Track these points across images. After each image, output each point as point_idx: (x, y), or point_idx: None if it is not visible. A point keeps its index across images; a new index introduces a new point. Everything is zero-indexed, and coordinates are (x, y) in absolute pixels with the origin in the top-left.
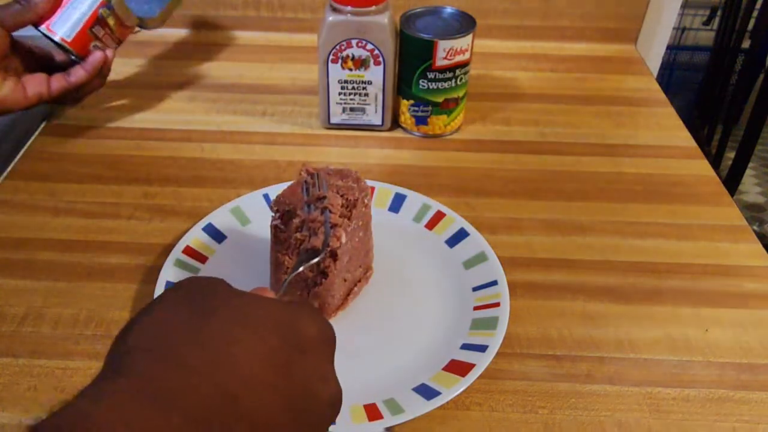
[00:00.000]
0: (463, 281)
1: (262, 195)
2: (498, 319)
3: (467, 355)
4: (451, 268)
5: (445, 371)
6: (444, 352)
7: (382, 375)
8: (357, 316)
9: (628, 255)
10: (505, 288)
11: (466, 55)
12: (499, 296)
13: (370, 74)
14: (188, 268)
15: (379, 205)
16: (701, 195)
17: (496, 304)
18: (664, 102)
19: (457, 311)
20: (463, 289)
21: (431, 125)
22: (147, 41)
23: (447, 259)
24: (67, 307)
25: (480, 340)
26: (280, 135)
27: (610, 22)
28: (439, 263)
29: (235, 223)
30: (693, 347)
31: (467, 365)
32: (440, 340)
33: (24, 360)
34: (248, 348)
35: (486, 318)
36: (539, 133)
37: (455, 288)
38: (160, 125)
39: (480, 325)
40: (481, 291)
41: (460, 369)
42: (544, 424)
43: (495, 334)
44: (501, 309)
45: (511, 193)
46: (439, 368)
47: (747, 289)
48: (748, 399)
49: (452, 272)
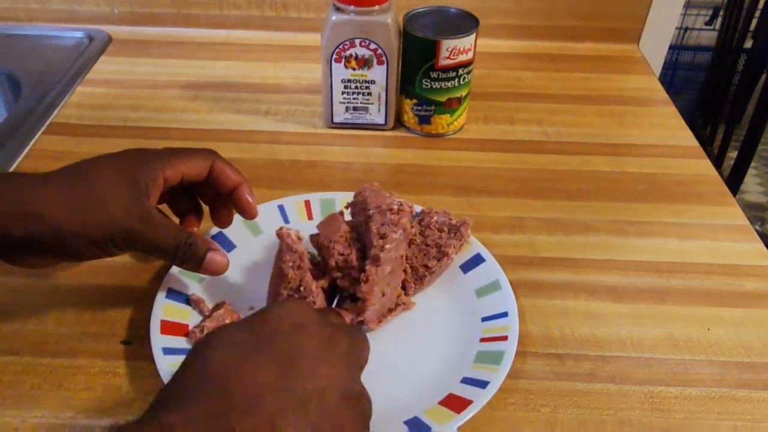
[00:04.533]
0: (473, 310)
1: (277, 206)
2: (504, 354)
3: (466, 390)
4: (462, 295)
5: (441, 405)
6: (444, 384)
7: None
8: None
9: (631, 254)
10: (516, 321)
11: (469, 54)
12: (508, 329)
13: (373, 74)
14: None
15: None
16: (703, 194)
17: (504, 337)
18: (666, 102)
19: (462, 342)
20: (473, 318)
21: (434, 124)
22: (150, 40)
23: (459, 285)
24: (71, 306)
25: (482, 374)
26: (284, 134)
27: (612, 21)
28: (451, 289)
29: (246, 233)
30: (695, 346)
31: (465, 401)
32: (441, 372)
33: (27, 358)
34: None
35: (492, 352)
36: (542, 132)
37: (464, 317)
38: (163, 124)
39: (484, 359)
40: (490, 322)
41: (457, 405)
42: (546, 422)
43: (498, 370)
44: (509, 343)
45: (513, 193)
46: (436, 401)
47: (749, 289)
48: (750, 398)
49: (463, 300)
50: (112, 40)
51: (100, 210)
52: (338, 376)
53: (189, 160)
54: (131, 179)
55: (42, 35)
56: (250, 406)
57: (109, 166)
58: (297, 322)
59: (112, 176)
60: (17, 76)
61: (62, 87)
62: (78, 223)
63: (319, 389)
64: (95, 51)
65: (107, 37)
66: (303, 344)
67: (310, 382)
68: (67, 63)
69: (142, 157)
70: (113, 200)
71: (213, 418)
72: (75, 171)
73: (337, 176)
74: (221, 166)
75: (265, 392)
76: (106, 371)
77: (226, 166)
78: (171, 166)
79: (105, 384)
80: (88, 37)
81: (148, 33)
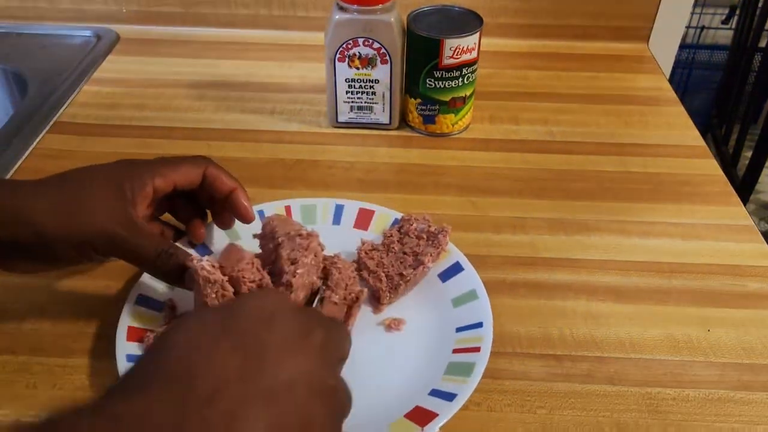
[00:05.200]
0: (448, 320)
1: (257, 212)
2: (474, 366)
3: (433, 403)
4: (438, 304)
5: (407, 418)
6: (412, 396)
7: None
8: None
9: (633, 254)
10: (490, 332)
11: (472, 53)
12: (480, 340)
13: (377, 73)
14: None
15: (377, 230)
16: (708, 194)
17: (477, 348)
18: (674, 101)
19: (435, 352)
20: (447, 328)
21: (439, 124)
22: (158, 39)
23: (436, 294)
24: (68, 305)
25: (451, 387)
26: (288, 133)
27: (621, 20)
28: (427, 298)
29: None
30: (695, 347)
31: (431, 414)
32: (411, 383)
33: (24, 357)
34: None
35: (462, 363)
36: (547, 132)
37: (439, 326)
38: (168, 123)
39: (454, 371)
40: (464, 332)
41: (422, 418)
42: (542, 424)
43: (467, 382)
44: (480, 355)
45: (517, 192)
46: (402, 414)
47: (751, 289)
48: (748, 399)
49: (439, 309)
50: (120, 38)
51: (83, 214)
52: (310, 369)
53: (181, 169)
54: (118, 188)
55: (50, 34)
56: (210, 396)
57: (97, 175)
58: (270, 311)
59: (99, 184)
60: (24, 75)
61: (69, 86)
62: (60, 226)
63: (287, 382)
64: (103, 50)
65: (115, 35)
66: (274, 334)
67: (278, 374)
68: (75, 62)
69: (131, 167)
70: (97, 206)
71: (169, 407)
72: (64, 177)
73: (341, 176)
74: (215, 173)
75: (229, 382)
76: (101, 371)
77: (220, 172)
78: (161, 176)
79: (99, 384)
80: (96, 35)
81: (156, 32)
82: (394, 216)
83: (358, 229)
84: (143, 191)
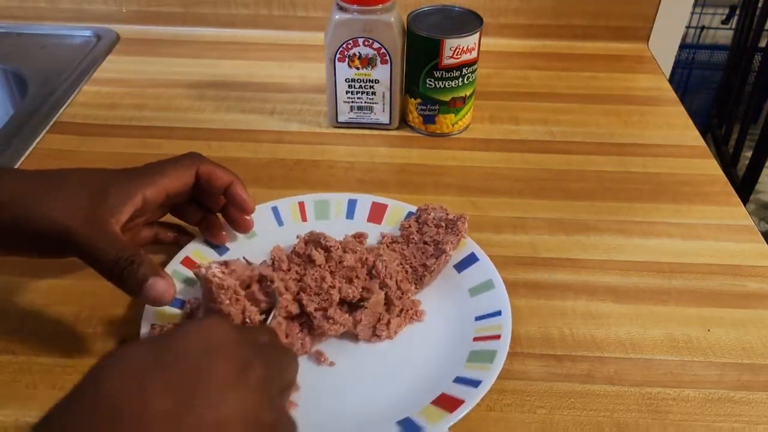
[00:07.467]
0: (467, 309)
1: (271, 208)
2: (497, 353)
3: (459, 390)
4: (456, 294)
5: (434, 405)
6: (437, 384)
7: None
8: (349, 341)
9: (633, 254)
10: (509, 319)
11: (472, 53)
12: (500, 328)
13: (377, 73)
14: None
15: (391, 223)
16: (708, 194)
17: (497, 336)
18: (674, 101)
19: (456, 341)
20: (466, 317)
21: (439, 124)
22: (158, 39)
23: (453, 284)
24: (68, 305)
25: (475, 374)
26: (288, 133)
27: (621, 20)
28: (445, 289)
29: (240, 236)
30: (694, 347)
31: (457, 401)
32: (435, 371)
33: (24, 357)
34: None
35: (485, 351)
36: (547, 132)
37: (458, 316)
38: (168, 123)
39: (477, 358)
40: (483, 321)
41: (450, 404)
42: (542, 424)
43: (491, 369)
44: (501, 342)
45: (517, 192)
46: (429, 401)
47: (751, 289)
48: (748, 399)
49: (457, 299)
50: (120, 38)
51: (43, 206)
52: (246, 406)
53: (172, 173)
54: (101, 190)
55: (50, 34)
56: None
57: (84, 175)
58: (209, 344)
59: (82, 182)
60: (24, 75)
61: (69, 86)
62: (22, 211)
63: (220, 420)
64: (103, 50)
65: (115, 35)
66: (210, 369)
67: (210, 412)
68: (75, 62)
69: (121, 174)
70: (65, 200)
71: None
72: (53, 171)
73: (341, 176)
74: (208, 168)
75: (156, 422)
76: None
77: (214, 168)
78: (153, 184)
79: None
80: (96, 35)
81: (156, 32)
82: (408, 209)
83: (371, 222)
84: (133, 200)
